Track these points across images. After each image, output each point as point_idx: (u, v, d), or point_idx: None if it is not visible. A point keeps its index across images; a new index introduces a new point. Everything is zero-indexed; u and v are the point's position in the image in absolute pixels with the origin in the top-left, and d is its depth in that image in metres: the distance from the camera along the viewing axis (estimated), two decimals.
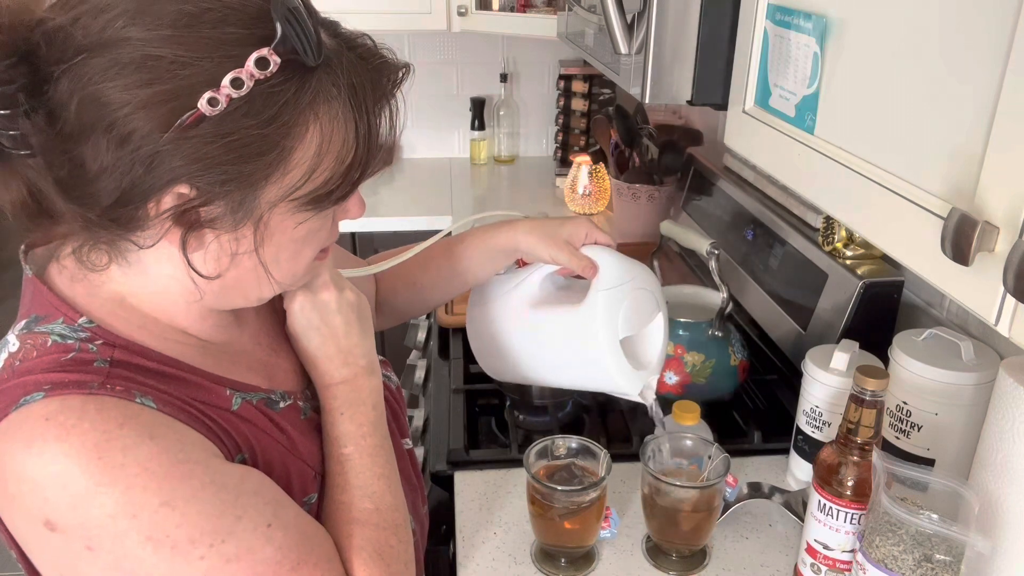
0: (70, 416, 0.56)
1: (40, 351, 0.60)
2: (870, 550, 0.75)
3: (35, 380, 0.57)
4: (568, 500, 0.91)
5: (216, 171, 0.56)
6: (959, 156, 0.54)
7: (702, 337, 1.20)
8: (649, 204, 1.96)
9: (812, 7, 0.73)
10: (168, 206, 0.57)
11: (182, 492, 0.57)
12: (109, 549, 0.56)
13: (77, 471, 0.55)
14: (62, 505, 0.55)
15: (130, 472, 0.56)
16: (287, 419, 0.71)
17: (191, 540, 0.57)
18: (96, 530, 0.55)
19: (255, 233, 0.61)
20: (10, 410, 0.56)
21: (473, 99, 2.75)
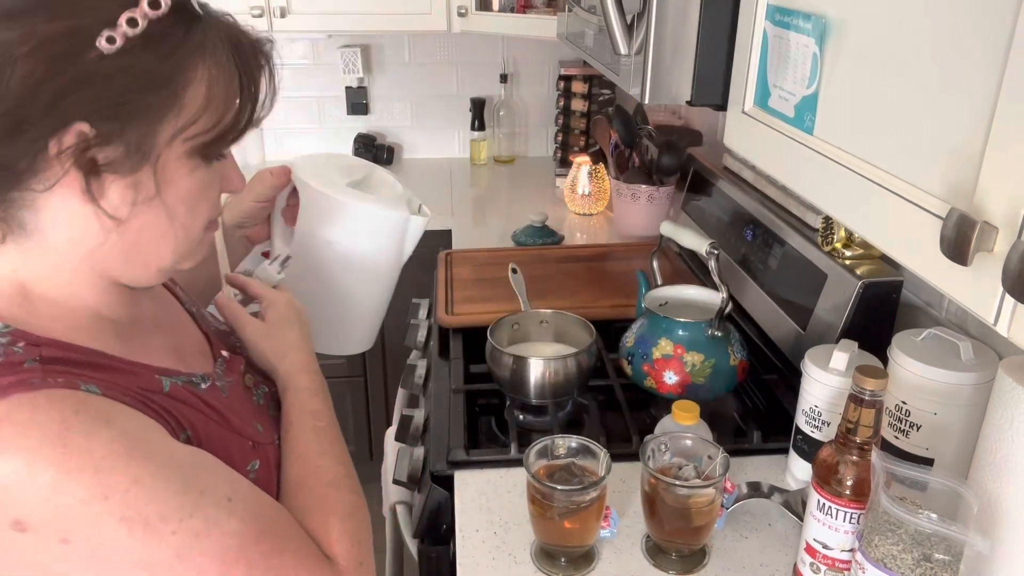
0: (23, 412, 0.55)
1: None
2: (869, 549, 0.75)
3: None
4: (568, 500, 0.91)
5: (114, 109, 0.58)
6: (958, 156, 0.54)
7: (701, 337, 1.20)
8: (649, 204, 1.96)
9: (811, 8, 0.73)
10: (68, 145, 0.57)
11: (148, 470, 0.58)
12: (85, 537, 0.56)
13: (43, 463, 0.54)
14: (31, 501, 0.54)
15: (96, 455, 0.56)
16: (212, 398, 0.73)
17: (162, 517, 0.58)
18: (70, 519, 0.55)
19: (154, 176, 0.62)
20: None
21: (473, 99, 2.75)
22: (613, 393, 1.29)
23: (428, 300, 1.74)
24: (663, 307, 1.32)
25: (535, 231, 2.02)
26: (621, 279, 1.68)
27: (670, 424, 1.04)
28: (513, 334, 1.34)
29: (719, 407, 1.26)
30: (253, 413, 0.78)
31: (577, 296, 1.61)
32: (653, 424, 1.10)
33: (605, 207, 2.26)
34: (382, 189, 1.08)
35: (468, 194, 2.52)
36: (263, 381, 0.86)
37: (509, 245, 2.00)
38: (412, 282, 2.27)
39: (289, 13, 2.33)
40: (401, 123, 2.86)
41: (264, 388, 0.85)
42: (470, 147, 2.82)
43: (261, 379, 0.86)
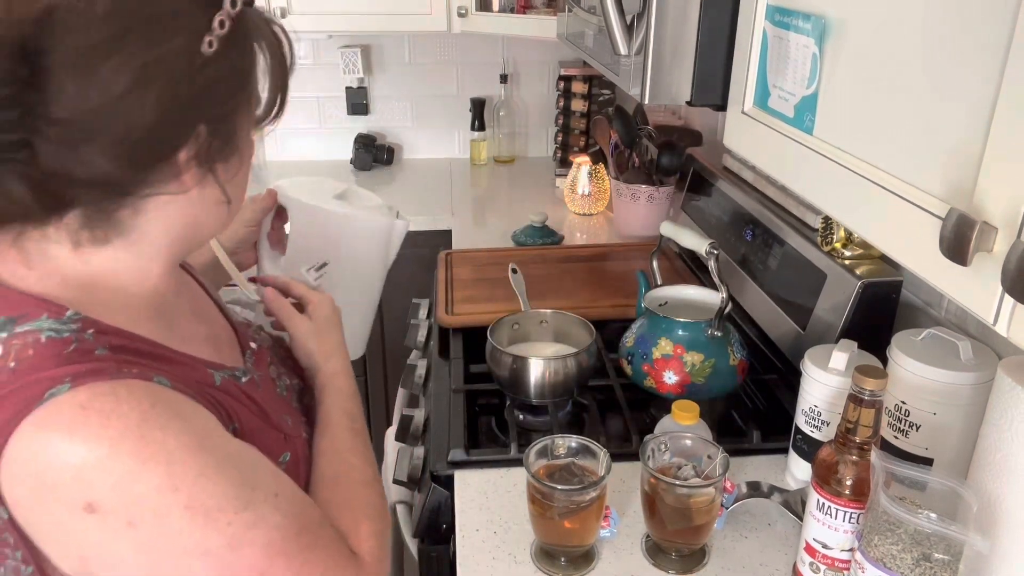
0: (106, 401, 0.58)
1: (36, 348, 0.59)
2: (869, 549, 0.75)
3: (51, 375, 0.58)
4: (568, 499, 0.91)
5: (223, 107, 0.64)
6: (957, 156, 0.54)
7: (701, 337, 1.20)
8: (649, 204, 1.96)
9: (811, 8, 0.73)
10: (193, 150, 0.63)
11: (211, 464, 0.61)
12: (151, 523, 0.59)
13: (123, 452, 0.57)
14: (106, 486, 0.57)
15: (169, 448, 0.59)
16: (251, 391, 0.75)
17: (220, 508, 0.61)
18: (140, 506, 0.58)
19: (239, 156, 0.69)
20: (35, 405, 0.57)
21: (473, 99, 2.75)
22: (613, 393, 1.29)
23: (428, 300, 1.74)
24: (663, 307, 1.32)
25: (535, 231, 2.02)
26: (621, 279, 1.68)
27: (670, 424, 1.04)
28: (513, 334, 1.35)
29: (719, 407, 1.26)
30: (281, 405, 0.80)
31: (577, 296, 1.61)
32: (653, 424, 1.10)
33: (605, 207, 2.26)
34: (362, 201, 1.14)
35: (468, 194, 2.52)
36: (285, 373, 0.87)
37: (509, 245, 2.01)
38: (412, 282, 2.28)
39: (289, 13, 2.33)
40: (401, 123, 2.86)
41: (286, 380, 0.86)
42: (470, 147, 2.82)
43: (284, 371, 0.87)
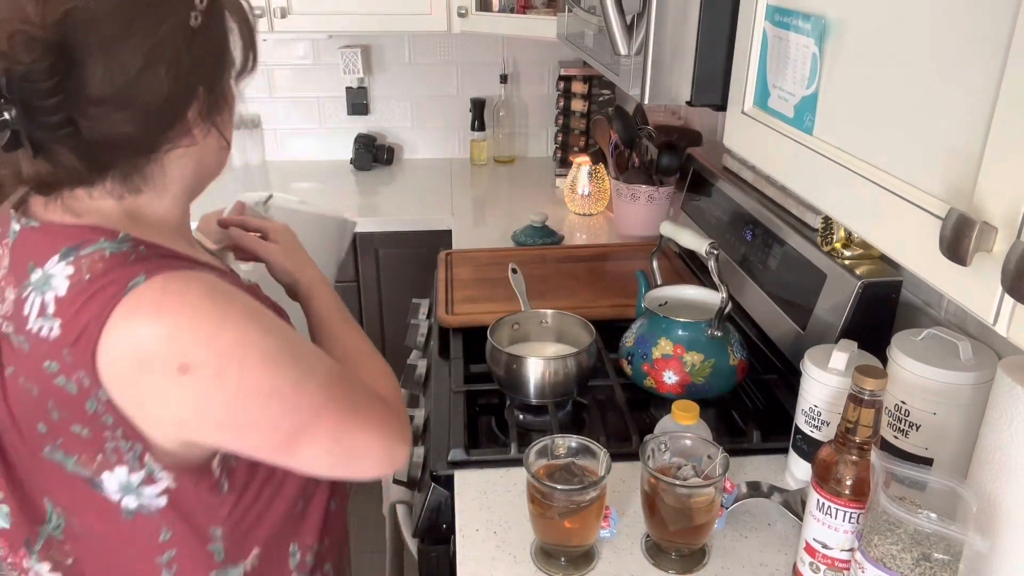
0: (179, 283, 0.70)
1: (104, 262, 0.70)
2: (869, 549, 0.75)
3: (126, 274, 0.69)
4: (568, 499, 0.91)
5: (216, 70, 0.77)
6: (957, 156, 0.54)
7: (701, 337, 1.21)
8: (648, 204, 1.96)
9: (811, 8, 0.73)
10: (197, 109, 0.75)
11: (267, 324, 0.74)
12: (235, 371, 0.70)
13: (202, 318, 0.69)
14: (194, 347, 0.68)
15: (238, 312, 0.72)
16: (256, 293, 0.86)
17: (283, 358, 0.73)
18: (223, 358, 0.70)
19: (230, 109, 0.81)
20: (122, 295, 0.68)
21: (473, 100, 2.75)
22: (613, 393, 1.29)
23: (428, 300, 1.74)
24: (663, 307, 1.32)
25: (535, 231, 2.02)
26: (621, 279, 1.68)
27: (670, 424, 1.04)
28: (513, 334, 1.35)
29: (719, 407, 1.27)
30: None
31: (577, 296, 1.61)
32: (653, 424, 1.10)
33: (605, 207, 2.26)
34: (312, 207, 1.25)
35: (468, 194, 2.52)
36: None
37: (509, 245, 2.01)
38: (412, 282, 2.29)
39: (289, 13, 2.33)
40: (401, 123, 2.86)
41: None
42: (470, 147, 2.82)
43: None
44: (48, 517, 0.76)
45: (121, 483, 0.73)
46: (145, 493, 0.74)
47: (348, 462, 0.81)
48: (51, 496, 0.75)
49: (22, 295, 0.71)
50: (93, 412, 0.70)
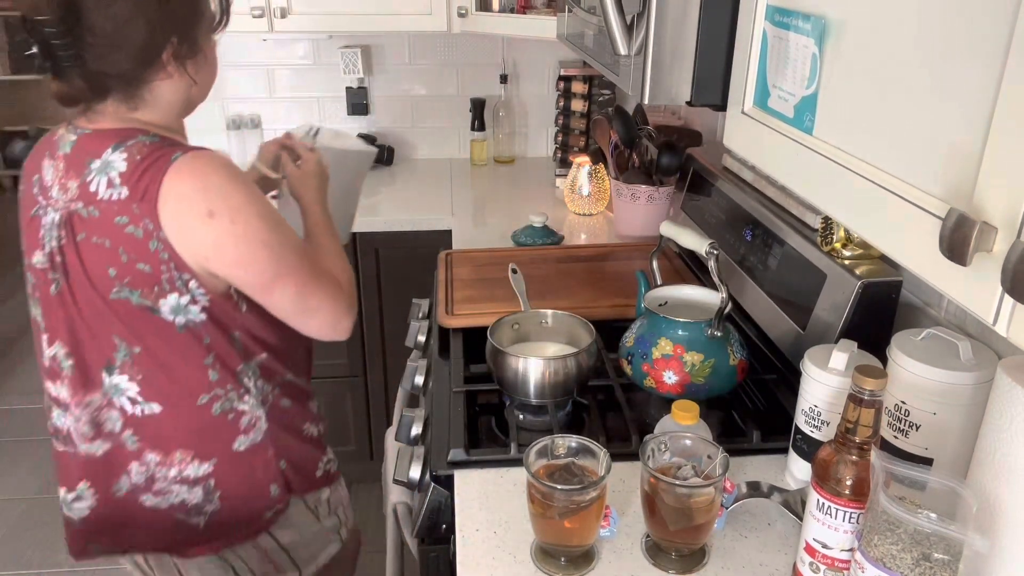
0: (206, 157, 1.05)
1: (147, 147, 1.05)
2: (868, 549, 0.75)
3: (166, 152, 1.04)
4: (568, 499, 0.91)
5: (187, 24, 1.08)
6: (957, 156, 0.54)
7: (701, 337, 1.21)
8: (648, 204, 1.96)
9: (811, 8, 0.73)
10: (170, 52, 1.06)
11: (263, 198, 1.09)
12: (243, 222, 1.05)
13: (224, 179, 1.04)
14: (218, 198, 1.03)
15: (245, 182, 1.07)
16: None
17: (276, 222, 1.09)
18: (236, 211, 1.04)
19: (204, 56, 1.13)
20: (167, 166, 1.02)
21: (473, 100, 2.75)
22: (613, 393, 1.29)
23: (428, 300, 1.74)
24: (663, 307, 1.32)
25: (535, 231, 2.02)
26: (621, 279, 1.68)
27: (670, 424, 1.04)
28: (513, 334, 1.35)
29: (719, 407, 1.27)
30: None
31: (577, 296, 1.61)
32: (653, 424, 1.10)
33: (605, 207, 2.26)
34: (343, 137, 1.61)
35: (468, 194, 2.52)
36: None
37: (509, 245, 2.01)
38: (412, 282, 2.29)
39: (289, 13, 2.33)
40: (401, 123, 2.86)
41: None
42: (470, 147, 2.82)
43: None
44: (118, 348, 1.09)
45: (173, 306, 1.07)
46: (191, 311, 1.08)
47: (304, 315, 1.15)
48: (118, 333, 1.08)
49: (86, 180, 1.04)
50: (154, 250, 1.03)
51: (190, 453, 1.15)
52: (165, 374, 1.11)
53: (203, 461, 1.15)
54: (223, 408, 1.15)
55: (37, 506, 2.66)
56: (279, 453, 1.21)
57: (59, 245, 1.07)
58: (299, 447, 1.26)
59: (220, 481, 1.17)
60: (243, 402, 1.16)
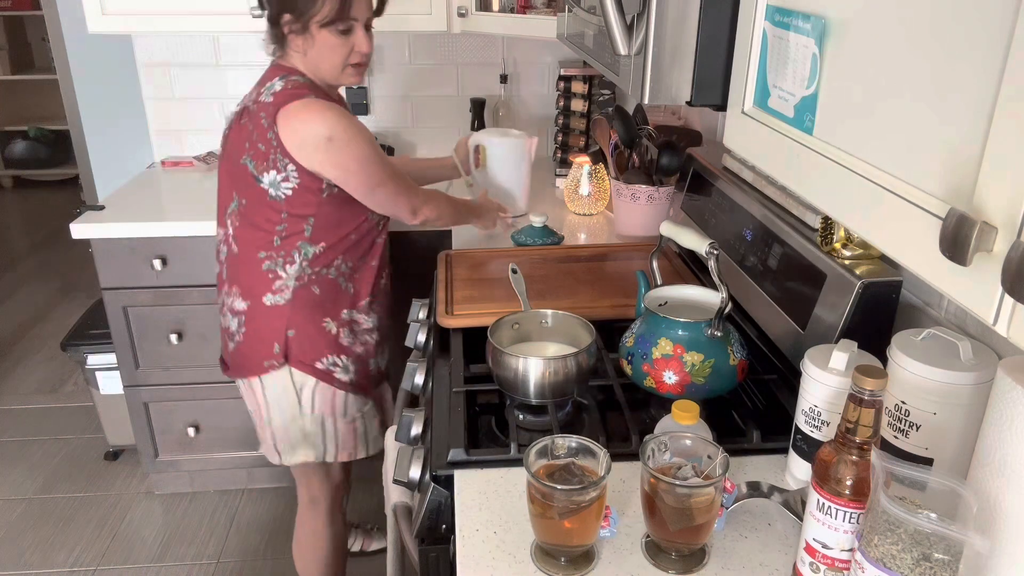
0: (323, 103, 1.54)
1: (297, 84, 1.57)
2: (869, 549, 0.75)
3: (304, 91, 1.54)
4: (568, 499, 0.91)
5: (296, 6, 1.52)
6: (957, 156, 0.54)
7: (701, 337, 1.20)
8: (648, 204, 1.96)
9: (811, 8, 0.73)
10: (287, 21, 1.54)
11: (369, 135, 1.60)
12: (356, 145, 1.55)
13: (339, 117, 1.53)
14: (337, 128, 1.52)
15: (356, 123, 1.57)
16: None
17: (376, 150, 1.60)
18: (349, 136, 1.54)
19: (313, 36, 1.56)
20: (300, 97, 1.53)
21: (473, 100, 2.75)
22: (613, 393, 1.29)
23: (428, 300, 1.74)
24: (663, 307, 1.32)
25: (535, 231, 2.02)
26: (621, 279, 1.68)
27: (670, 424, 1.04)
28: (513, 334, 1.35)
29: (719, 407, 1.27)
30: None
31: (577, 296, 1.61)
32: (653, 424, 1.10)
33: (605, 207, 2.26)
34: (509, 133, 2.18)
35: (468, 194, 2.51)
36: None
37: (509, 245, 2.01)
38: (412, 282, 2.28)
39: None
40: (401, 123, 2.86)
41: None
42: None
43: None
44: (233, 200, 1.63)
45: (271, 180, 1.56)
46: (283, 187, 1.56)
47: (395, 209, 1.68)
48: (236, 189, 1.61)
49: (260, 90, 1.58)
50: (268, 138, 1.53)
51: (240, 290, 1.65)
52: (250, 228, 1.60)
53: (244, 300, 1.65)
54: (269, 267, 1.61)
55: (37, 506, 2.66)
56: (290, 322, 1.64)
57: (231, 125, 1.63)
58: (309, 330, 1.65)
59: (248, 320, 1.65)
60: (285, 270, 1.62)
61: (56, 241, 4.88)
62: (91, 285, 4.03)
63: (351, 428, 1.78)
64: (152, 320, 2.37)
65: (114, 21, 2.32)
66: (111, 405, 2.71)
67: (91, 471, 2.83)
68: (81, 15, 2.32)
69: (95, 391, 2.71)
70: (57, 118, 4.96)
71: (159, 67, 2.74)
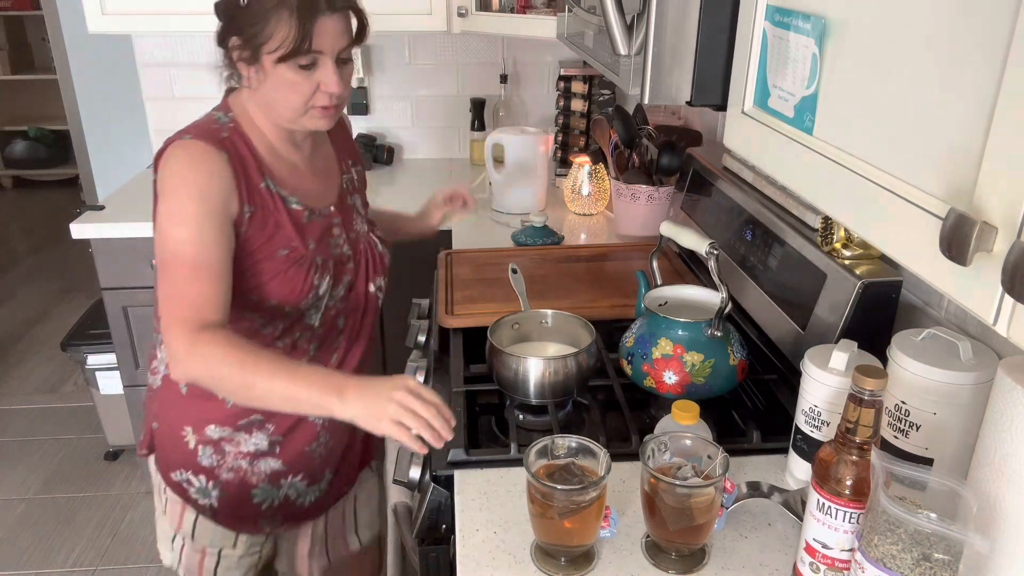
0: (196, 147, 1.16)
1: (208, 120, 1.24)
2: (869, 549, 0.75)
3: (189, 131, 1.19)
4: (568, 499, 0.91)
5: (245, 32, 1.16)
6: (957, 156, 0.54)
7: (701, 337, 1.20)
8: (648, 204, 1.96)
9: (811, 8, 0.73)
10: (234, 46, 1.19)
11: (199, 208, 1.14)
12: (170, 197, 1.15)
13: (190, 165, 1.16)
14: (174, 174, 1.16)
15: (208, 182, 1.15)
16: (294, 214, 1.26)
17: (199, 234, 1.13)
18: (169, 188, 1.15)
19: (262, 69, 1.18)
20: (177, 140, 1.18)
21: (473, 100, 2.75)
22: (613, 393, 1.29)
23: (428, 300, 1.74)
24: (663, 307, 1.32)
25: (535, 231, 2.02)
26: (621, 279, 1.68)
27: (670, 424, 1.04)
28: (513, 334, 1.35)
29: (719, 407, 1.26)
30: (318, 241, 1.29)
31: (577, 296, 1.61)
32: (653, 424, 1.10)
33: (605, 207, 2.26)
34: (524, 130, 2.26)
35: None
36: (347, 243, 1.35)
37: (509, 245, 2.01)
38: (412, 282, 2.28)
39: None
40: (401, 123, 2.86)
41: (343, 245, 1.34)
42: (470, 147, 2.82)
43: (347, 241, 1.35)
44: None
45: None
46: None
47: (163, 321, 1.13)
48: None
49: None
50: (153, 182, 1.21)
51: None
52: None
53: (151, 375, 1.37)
54: (157, 339, 1.32)
55: (37, 506, 2.66)
56: (156, 414, 1.33)
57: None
58: (166, 431, 1.32)
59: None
60: (161, 349, 1.31)
61: (56, 241, 4.88)
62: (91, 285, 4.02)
63: (198, 560, 1.37)
64: (152, 320, 2.37)
65: (114, 21, 2.32)
66: (111, 405, 2.71)
67: (91, 471, 2.83)
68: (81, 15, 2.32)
69: (95, 391, 2.71)
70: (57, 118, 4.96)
71: (159, 67, 2.74)
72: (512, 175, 2.23)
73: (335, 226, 1.32)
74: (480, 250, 1.89)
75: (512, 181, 2.24)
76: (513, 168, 2.22)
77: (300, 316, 1.28)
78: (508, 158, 2.21)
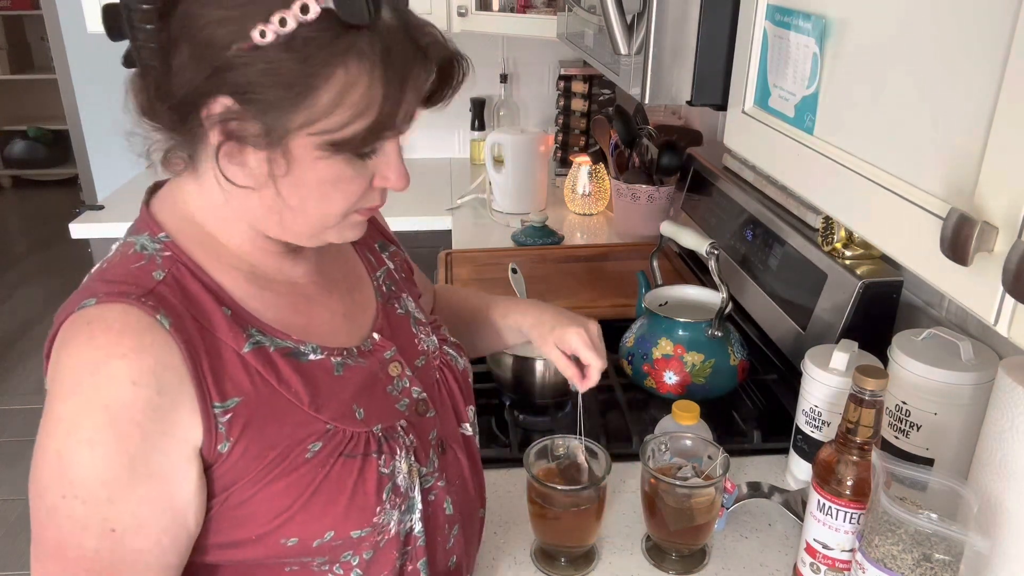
0: (95, 323, 0.66)
1: (122, 258, 0.71)
2: (869, 549, 0.75)
3: (93, 289, 0.68)
4: (568, 499, 0.91)
5: (254, 92, 0.65)
6: (958, 156, 0.54)
7: (702, 337, 1.20)
8: (649, 204, 1.96)
9: (811, 8, 0.73)
10: (216, 112, 0.65)
11: (110, 435, 0.65)
12: (48, 421, 0.65)
13: (76, 361, 0.65)
14: (55, 380, 0.66)
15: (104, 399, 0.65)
16: (309, 369, 0.75)
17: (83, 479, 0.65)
18: (62, 392, 0.65)
19: (284, 157, 0.68)
20: (73, 310, 0.67)
21: (473, 99, 2.75)
22: (613, 393, 1.29)
23: None
24: (663, 307, 1.32)
25: (535, 231, 2.02)
26: (621, 279, 1.68)
27: (670, 424, 1.04)
28: None
29: (719, 407, 1.26)
30: (368, 399, 0.78)
31: (577, 296, 1.61)
32: (653, 424, 1.10)
33: (605, 207, 2.26)
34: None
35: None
36: (416, 380, 0.84)
37: (509, 245, 2.00)
38: None
39: None
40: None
41: (410, 387, 0.83)
42: (470, 147, 2.82)
43: (415, 378, 0.84)
44: None
45: None
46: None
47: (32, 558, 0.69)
48: None
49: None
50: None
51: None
52: None
53: None
54: None
55: None
56: None
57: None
58: None
59: None
60: None
61: (56, 241, 4.88)
62: None
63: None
64: None
65: None
66: None
67: None
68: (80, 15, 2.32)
69: None
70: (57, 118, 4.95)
71: None
72: (512, 175, 2.23)
73: (389, 363, 0.82)
74: (480, 250, 1.89)
75: (512, 181, 2.23)
76: (513, 168, 2.21)
77: (375, 531, 0.77)
78: (508, 158, 2.20)
